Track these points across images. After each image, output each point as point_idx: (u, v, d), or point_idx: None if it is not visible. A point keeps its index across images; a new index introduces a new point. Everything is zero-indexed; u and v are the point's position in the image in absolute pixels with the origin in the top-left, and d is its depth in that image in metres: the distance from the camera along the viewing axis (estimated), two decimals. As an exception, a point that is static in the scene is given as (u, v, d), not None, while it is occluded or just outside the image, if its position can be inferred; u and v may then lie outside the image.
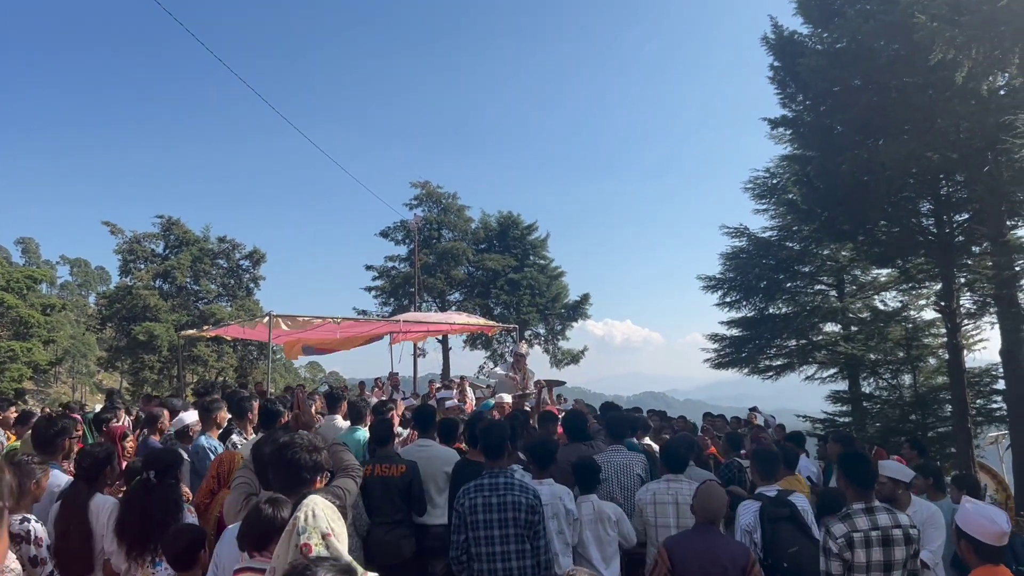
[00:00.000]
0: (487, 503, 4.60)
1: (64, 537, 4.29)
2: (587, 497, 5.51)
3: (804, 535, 4.96)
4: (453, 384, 17.92)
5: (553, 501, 5.10)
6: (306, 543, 2.37)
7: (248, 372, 38.90)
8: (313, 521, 2.43)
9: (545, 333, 39.14)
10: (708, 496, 4.51)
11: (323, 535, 2.41)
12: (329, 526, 2.45)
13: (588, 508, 5.42)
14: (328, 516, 2.48)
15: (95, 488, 4.48)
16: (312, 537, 2.39)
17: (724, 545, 4.37)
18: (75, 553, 4.26)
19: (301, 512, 2.46)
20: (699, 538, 4.37)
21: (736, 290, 21.51)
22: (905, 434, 16.69)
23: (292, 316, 13.62)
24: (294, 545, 2.38)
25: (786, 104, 16.41)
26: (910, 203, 15.54)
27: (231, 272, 42.15)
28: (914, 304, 19.96)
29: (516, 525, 4.55)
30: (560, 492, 5.23)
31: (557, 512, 5.09)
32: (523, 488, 4.66)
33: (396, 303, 37.71)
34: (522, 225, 40.00)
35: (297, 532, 2.40)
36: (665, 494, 5.57)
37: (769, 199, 20.92)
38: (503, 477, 4.72)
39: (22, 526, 4.10)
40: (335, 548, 2.42)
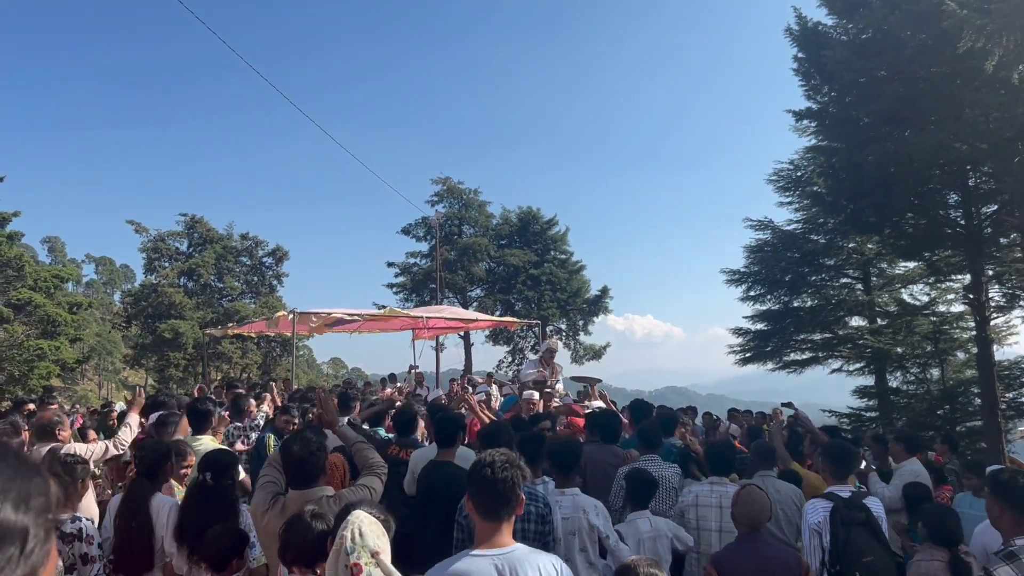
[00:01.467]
0: None
1: (125, 533, 4.33)
2: (642, 513, 5.06)
3: (880, 544, 4.52)
4: (480, 381, 17.94)
5: (575, 515, 4.57)
6: (356, 563, 2.32)
7: (272, 368, 39.19)
8: (361, 540, 2.37)
9: (567, 328, 39.06)
10: (749, 502, 4.16)
11: (372, 553, 2.36)
12: (376, 543, 2.40)
13: (645, 525, 4.97)
14: (375, 532, 2.45)
15: (156, 485, 4.50)
16: (362, 556, 2.34)
17: (774, 554, 4.07)
18: (135, 550, 4.29)
19: (347, 531, 2.40)
20: (747, 549, 4.05)
21: (760, 284, 21.38)
22: (933, 429, 16.55)
23: (315, 312, 13.72)
24: (343, 566, 2.33)
25: (811, 96, 16.27)
26: (937, 195, 15.36)
27: (254, 269, 42.46)
28: (942, 297, 19.79)
29: (525, 537, 4.01)
30: (584, 504, 4.66)
31: (579, 527, 4.54)
32: (532, 496, 4.19)
33: (418, 299, 37.78)
34: (542, 220, 39.93)
35: (345, 552, 2.34)
36: (708, 496, 5.33)
37: (794, 192, 20.77)
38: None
39: (74, 525, 4.16)
40: (385, 567, 2.38)
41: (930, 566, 4.41)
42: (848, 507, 4.59)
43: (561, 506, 4.53)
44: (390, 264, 40.12)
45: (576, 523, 4.56)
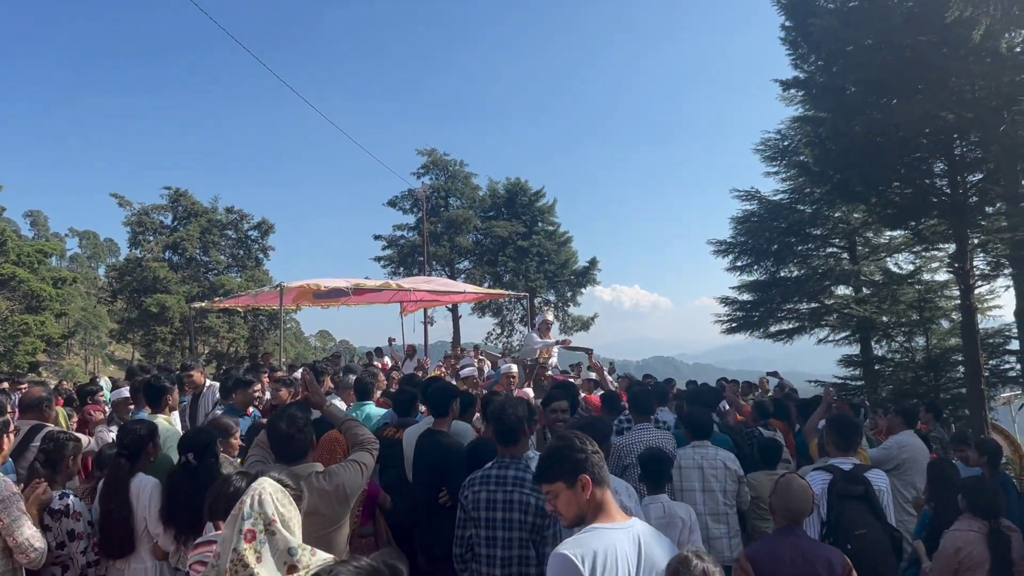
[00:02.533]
0: (491, 499, 3.99)
1: (107, 515, 4.34)
2: (656, 498, 4.85)
3: (875, 517, 4.41)
4: (466, 353, 17.99)
5: None
6: (250, 529, 2.35)
7: (259, 342, 39.13)
8: (259, 508, 2.39)
9: (555, 300, 39.16)
10: (789, 492, 3.83)
11: (267, 522, 2.38)
12: (276, 512, 2.41)
13: (658, 510, 4.74)
14: (277, 501, 2.44)
15: (137, 466, 4.48)
16: (257, 524, 2.36)
17: (816, 551, 3.73)
18: (117, 531, 4.31)
19: (248, 496, 2.42)
20: (785, 544, 3.72)
21: (747, 254, 21.41)
22: (917, 397, 16.73)
23: (302, 284, 13.67)
24: (238, 530, 2.35)
25: (798, 65, 16.20)
26: (924, 164, 15.39)
27: (240, 243, 42.25)
28: (927, 266, 19.93)
29: (522, 528, 3.90)
30: (616, 486, 4.23)
31: None
32: (535, 487, 3.87)
33: (405, 272, 37.76)
34: (529, 191, 39.88)
35: (242, 517, 2.37)
36: (690, 459, 5.49)
37: (780, 161, 20.73)
38: (513, 469, 4.05)
39: (61, 501, 4.22)
40: (281, 535, 2.39)
41: (967, 536, 4.49)
42: (847, 480, 4.54)
43: None
44: (377, 237, 40.08)
45: None
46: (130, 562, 4.37)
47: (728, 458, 5.63)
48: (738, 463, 5.72)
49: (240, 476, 3.19)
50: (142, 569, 4.38)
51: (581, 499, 2.68)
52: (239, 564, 2.31)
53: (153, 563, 4.39)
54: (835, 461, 4.82)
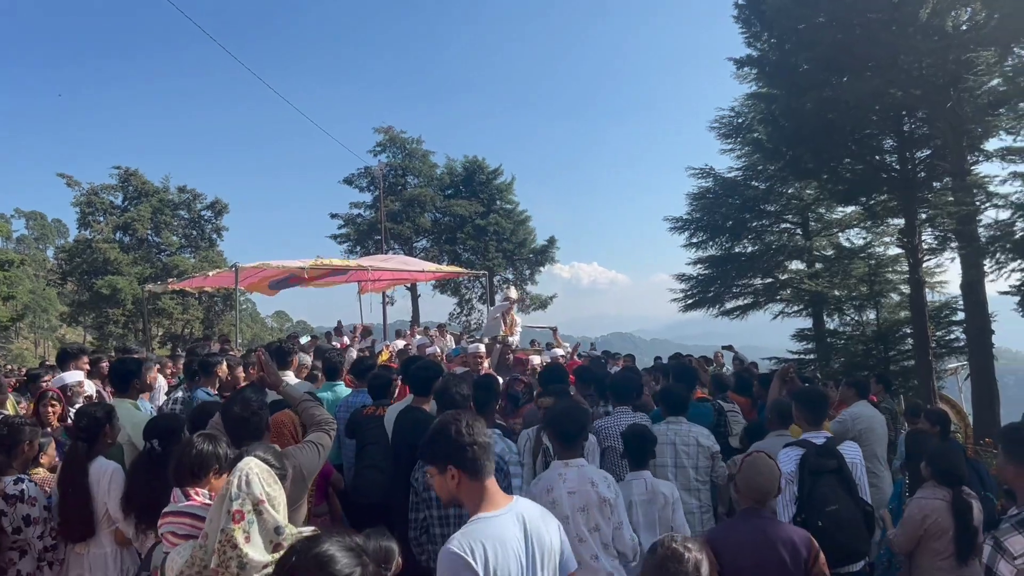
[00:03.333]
0: None
1: (64, 498, 4.28)
2: (639, 474, 4.71)
3: (848, 493, 4.36)
4: (427, 333, 17.96)
5: (582, 487, 4.07)
6: (238, 510, 2.36)
7: (215, 323, 38.61)
8: (246, 488, 2.40)
9: (513, 278, 39.20)
10: (754, 471, 3.66)
11: (255, 502, 2.39)
12: (263, 492, 2.43)
13: (640, 487, 4.63)
14: (263, 481, 2.46)
15: (95, 450, 4.40)
16: (245, 504, 2.37)
17: (779, 532, 3.52)
18: (75, 515, 4.25)
19: (235, 478, 2.43)
20: (748, 526, 3.55)
21: (703, 230, 21.67)
22: (868, 369, 17.11)
23: (258, 265, 13.50)
24: (226, 511, 2.36)
25: (751, 43, 16.37)
26: (874, 140, 15.68)
27: (193, 223, 41.52)
28: (877, 241, 20.36)
29: None
30: (592, 475, 4.16)
31: (588, 502, 4.04)
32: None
33: (363, 251, 37.44)
34: (488, 170, 39.73)
35: (230, 498, 2.38)
36: (664, 435, 5.41)
37: (735, 139, 21.00)
38: None
39: (16, 486, 4.15)
40: (269, 514, 2.41)
41: (933, 504, 4.55)
42: (819, 455, 4.48)
43: (565, 479, 4.09)
44: (333, 215, 39.70)
45: (585, 497, 4.05)
46: (90, 547, 4.32)
47: (702, 434, 5.57)
48: (713, 439, 5.64)
49: (202, 439, 3.16)
50: (102, 554, 4.33)
51: (450, 487, 2.65)
52: (227, 545, 2.33)
53: (113, 548, 4.35)
54: (807, 435, 4.75)
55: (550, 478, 4.15)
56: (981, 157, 14.61)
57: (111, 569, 4.34)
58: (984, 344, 14.06)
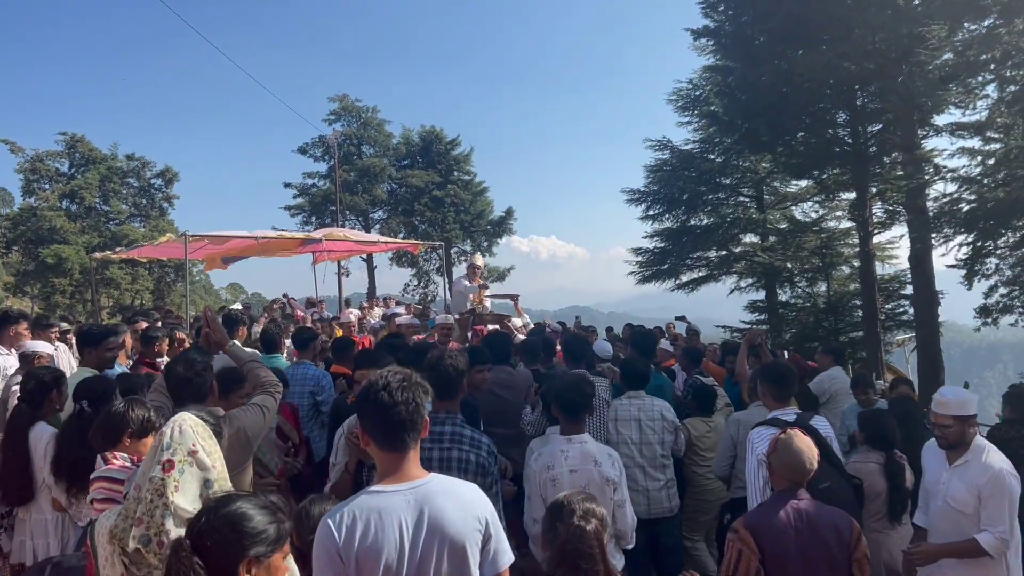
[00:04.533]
0: (426, 458, 3.54)
1: (5, 462, 4.26)
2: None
3: (833, 467, 4.16)
4: (379, 303, 17.81)
5: (584, 466, 4.00)
6: (169, 459, 2.35)
7: (165, 294, 37.93)
8: (179, 437, 2.40)
9: (471, 250, 39.06)
10: (789, 451, 3.38)
11: (189, 451, 2.39)
12: (197, 443, 2.43)
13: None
14: (197, 433, 2.46)
15: (38, 414, 4.35)
16: (176, 453, 2.37)
17: (821, 514, 3.32)
18: (14, 480, 4.23)
19: (167, 428, 2.44)
20: (788, 510, 3.32)
21: (659, 203, 21.85)
22: (818, 340, 17.39)
23: (209, 235, 13.21)
24: (157, 461, 2.36)
25: (708, 14, 16.38)
26: (827, 114, 15.82)
27: (142, 191, 40.53)
28: (830, 215, 20.67)
29: None
30: (595, 453, 4.07)
31: (590, 481, 3.96)
32: (473, 442, 3.67)
33: (318, 222, 36.97)
34: (445, 140, 39.38)
35: (162, 448, 2.38)
36: (627, 410, 5.42)
37: (692, 111, 21.12)
38: (450, 425, 3.72)
39: None
40: (202, 463, 2.41)
41: (868, 467, 4.75)
42: None
43: (567, 456, 4.01)
44: (287, 185, 39.02)
45: (586, 476, 3.99)
46: (31, 512, 4.30)
47: (664, 407, 5.55)
48: (674, 412, 5.64)
49: (120, 402, 3.11)
50: (43, 520, 4.29)
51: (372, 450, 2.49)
52: (155, 494, 2.32)
53: (53, 515, 4.30)
54: (776, 413, 4.49)
55: (551, 454, 4.06)
56: (931, 132, 14.82)
57: (51, 535, 4.30)
58: (931, 317, 14.34)
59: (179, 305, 33.87)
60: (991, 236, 13.60)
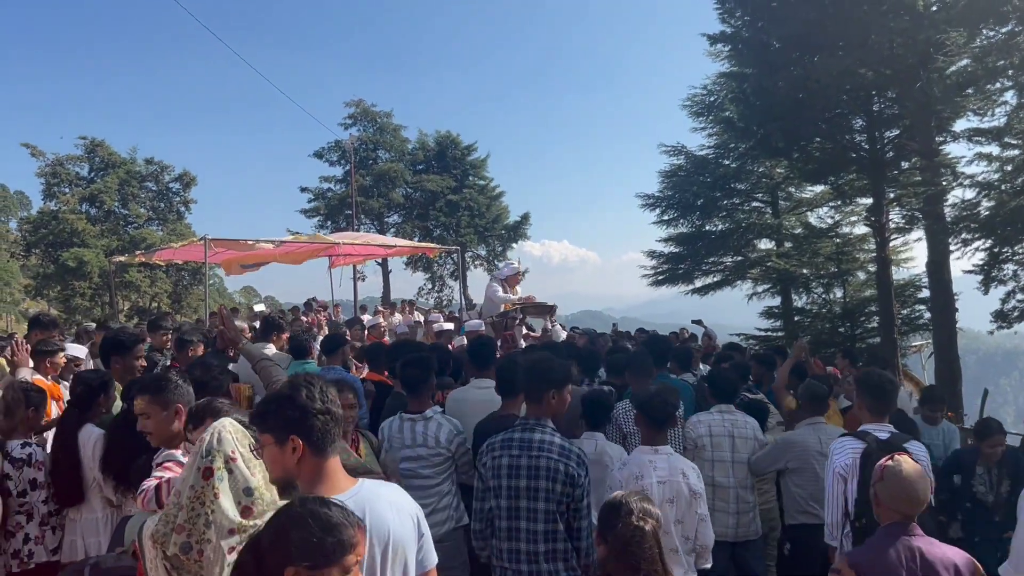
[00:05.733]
0: (514, 464, 3.55)
1: (56, 464, 4.28)
2: (592, 435, 4.64)
3: None
4: (396, 308, 17.86)
5: (673, 478, 3.90)
6: (208, 466, 2.33)
7: (183, 297, 38.14)
8: (218, 445, 2.37)
9: (485, 255, 39.07)
10: (899, 481, 3.01)
11: (227, 459, 2.37)
12: (237, 450, 2.40)
13: (590, 446, 4.49)
14: (236, 440, 2.43)
15: (86, 417, 4.37)
16: (216, 460, 2.34)
17: (936, 553, 2.97)
18: (66, 482, 4.25)
19: (208, 434, 2.41)
20: (899, 546, 2.97)
21: (674, 208, 21.82)
22: (835, 346, 17.31)
23: (227, 240, 13.29)
24: (197, 468, 2.34)
25: (724, 19, 16.34)
26: (843, 120, 15.77)
27: (161, 195, 40.74)
28: (845, 220, 20.58)
29: (549, 499, 3.47)
30: (683, 466, 3.98)
31: (678, 494, 3.87)
32: (564, 452, 3.50)
33: (333, 225, 37.06)
34: (461, 145, 39.42)
35: (201, 455, 2.35)
36: (720, 426, 5.07)
37: (707, 117, 21.09)
38: (539, 432, 3.57)
39: (24, 450, 4.18)
40: (240, 472, 2.38)
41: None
42: (884, 450, 3.73)
43: (656, 467, 3.89)
44: (303, 189, 39.19)
45: (674, 488, 3.87)
46: (82, 512, 4.33)
47: (755, 426, 5.21)
48: (761, 431, 5.29)
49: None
50: (93, 519, 4.33)
51: (288, 461, 2.28)
52: (196, 502, 2.31)
53: (105, 512, 4.34)
54: (869, 427, 4.07)
55: (639, 463, 3.93)
56: (949, 138, 14.76)
57: (102, 534, 4.33)
58: (947, 322, 14.27)
59: (196, 308, 34.04)
60: (1009, 242, 13.54)
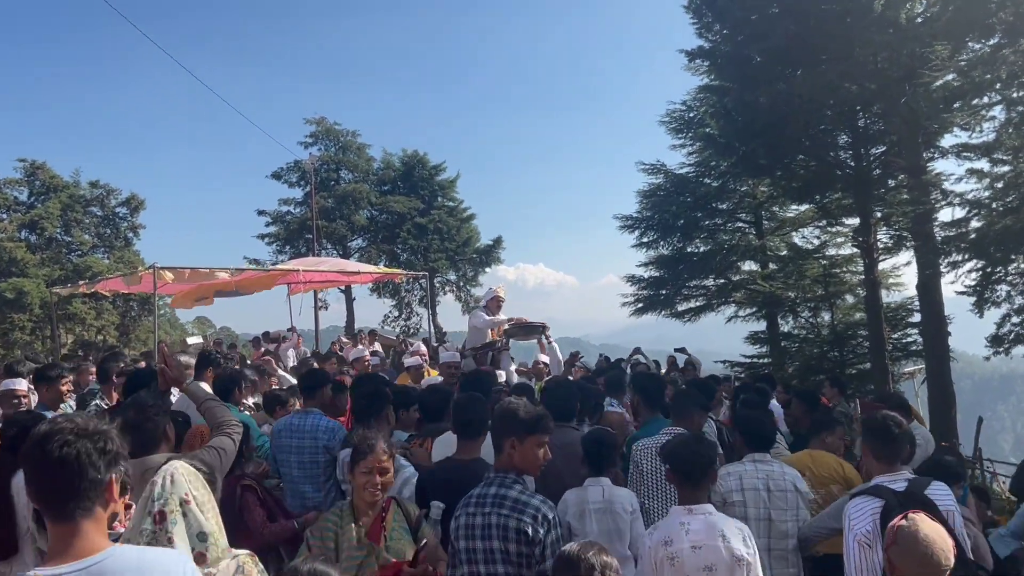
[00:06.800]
0: (470, 524, 3.41)
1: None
2: (597, 480, 4.33)
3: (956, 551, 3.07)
4: (363, 338, 17.76)
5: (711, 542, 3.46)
6: (160, 510, 2.31)
7: (131, 330, 37.68)
8: (171, 487, 2.37)
9: (456, 279, 39.03)
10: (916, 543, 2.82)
11: (181, 501, 2.36)
12: (190, 493, 2.40)
13: (596, 494, 4.26)
14: (190, 482, 2.43)
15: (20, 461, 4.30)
16: (168, 504, 2.33)
17: None
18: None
19: (159, 477, 2.40)
20: None
21: (653, 229, 21.93)
22: (823, 372, 17.46)
23: (179, 268, 13.17)
24: (148, 512, 2.32)
25: (703, 34, 16.62)
26: (828, 136, 16.03)
27: (107, 221, 40.32)
28: (832, 240, 20.83)
29: (506, 561, 3.31)
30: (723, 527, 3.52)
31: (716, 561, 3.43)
32: (516, 506, 3.34)
33: (293, 251, 36.84)
34: (429, 165, 39.45)
35: (152, 499, 2.34)
36: (754, 478, 4.56)
37: (686, 133, 21.28)
38: (496, 486, 3.45)
39: None
40: (194, 516, 2.37)
41: None
42: (905, 504, 3.36)
43: (689, 530, 3.50)
44: (260, 212, 38.97)
45: (712, 554, 3.43)
46: (12, 565, 4.17)
47: (796, 478, 4.65)
48: (804, 483, 4.72)
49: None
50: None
51: None
52: None
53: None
54: (882, 479, 3.70)
55: (670, 528, 3.56)
56: (936, 154, 15.04)
57: None
58: (940, 347, 14.46)
59: (145, 340, 33.64)
60: (1001, 262, 13.76)
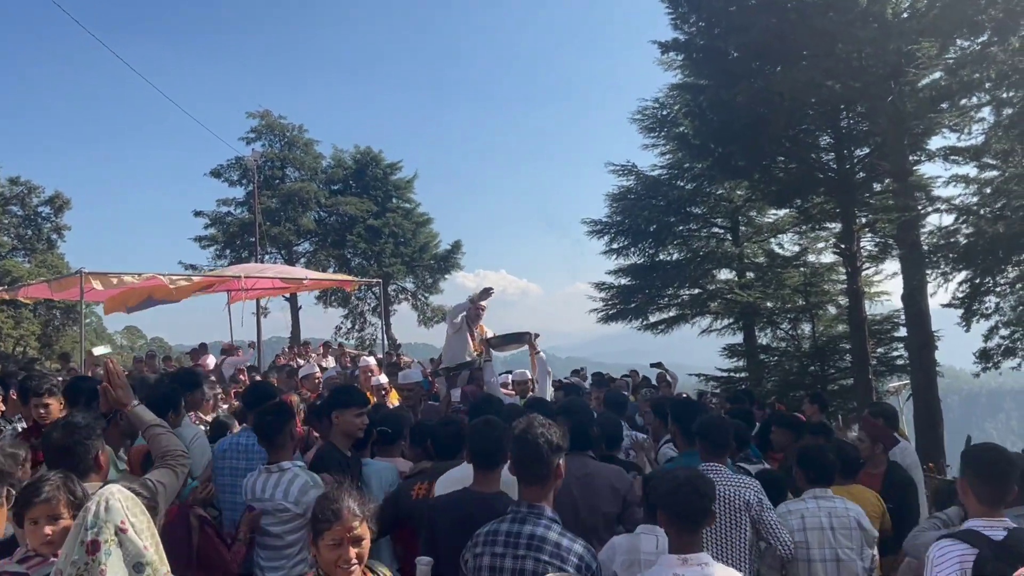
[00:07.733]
0: (496, 566, 3.14)
1: None
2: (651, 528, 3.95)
3: None
4: (308, 351, 17.46)
5: None
6: (94, 539, 2.27)
7: (54, 340, 36.95)
8: (105, 515, 2.31)
9: (413, 287, 38.78)
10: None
11: (117, 529, 2.31)
12: (127, 520, 2.35)
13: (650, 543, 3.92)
14: (127, 508, 2.37)
15: None
16: (103, 532, 2.28)
17: None
18: None
19: (92, 503, 2.34)
20: None
21: (624, 235, 21.88)
22: (804, 388, 17.49)
23: (107, 274, 12.87)
24: (80, 541, 2.27)
25: (677, 25, 16.54)
26: (809, 137, 16.09)
27: (28, 221, 39.55)
28: (813, 247, 20.91)
29: None
30: None
31: None
32: (558, 552, 3.07)
33: (233, 255, 36.34)
34: (383, 163, 39.13)
35: (85, 527, 2.29)
36: (815, 516, 4.43)
37: (659, 132, 21.24)
38: (531, 524, 3.16)
39: None
40: (132, 544, 2.32)
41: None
42: (1002, 558, 3.00)
43: None
44: (198, 213, 38.34)
45: None
46: None
47: (860, 514, 4.50)
48: (868, 521, 4.56)
49: None
50: None
51: None
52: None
53: None
54: (976, 524, 3.20)
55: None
56: (923, 157, 15.18)
57: None
58: (927, 361, 14.51)
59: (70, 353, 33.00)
60: (990, 272, 13.85)
